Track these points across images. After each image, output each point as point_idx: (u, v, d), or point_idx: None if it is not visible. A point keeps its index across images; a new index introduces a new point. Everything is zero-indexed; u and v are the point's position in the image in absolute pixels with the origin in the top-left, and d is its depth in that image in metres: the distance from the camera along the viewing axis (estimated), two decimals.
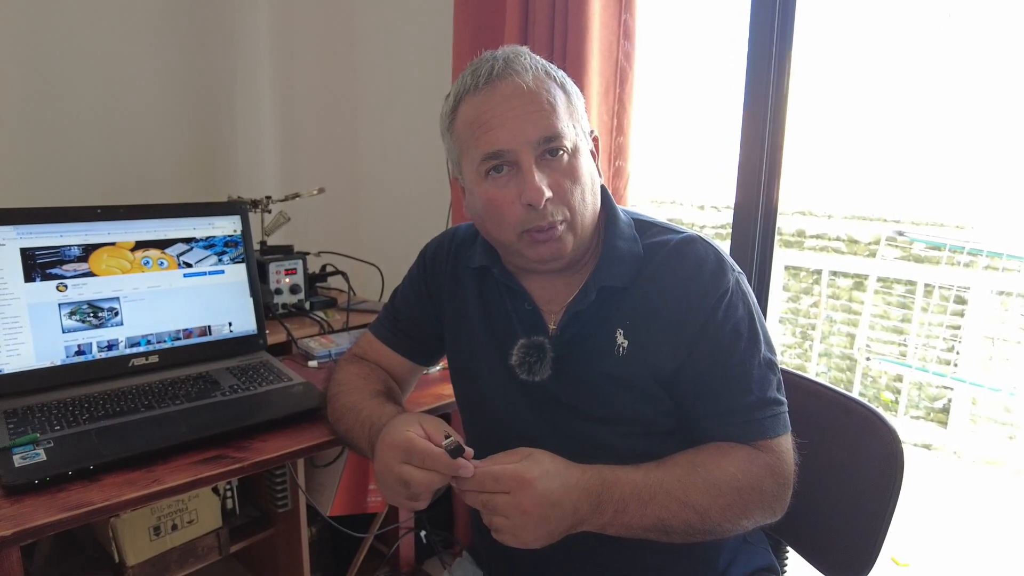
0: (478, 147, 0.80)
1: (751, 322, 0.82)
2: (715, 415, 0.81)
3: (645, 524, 0.73)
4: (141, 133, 1.80)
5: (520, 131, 0.77)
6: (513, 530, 0.70)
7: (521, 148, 0.78)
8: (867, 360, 3.20)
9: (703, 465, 0.77)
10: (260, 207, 1.68)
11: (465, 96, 0.82)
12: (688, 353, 0.81)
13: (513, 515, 0.69)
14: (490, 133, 0.78)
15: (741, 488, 0.76)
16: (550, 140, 0.78)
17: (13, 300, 1.10)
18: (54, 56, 1.63)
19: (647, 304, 0.83)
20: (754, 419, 0.80)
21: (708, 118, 2.00)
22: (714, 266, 0.83)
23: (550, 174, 0.79)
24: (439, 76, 1.89)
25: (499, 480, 0.70)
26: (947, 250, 2.98)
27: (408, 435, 0.74)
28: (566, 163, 0.79)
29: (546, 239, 0.80)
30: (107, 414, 1.03)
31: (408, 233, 2.16)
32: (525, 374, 0.87)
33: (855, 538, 0.90)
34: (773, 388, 0.82)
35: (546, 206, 0.78)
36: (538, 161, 0.78)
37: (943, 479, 2.74)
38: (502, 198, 0.80)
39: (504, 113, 0.78)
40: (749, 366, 0.81)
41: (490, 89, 0.79)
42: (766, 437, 0.80)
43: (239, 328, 1.32)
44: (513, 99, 0.78)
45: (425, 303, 1.02)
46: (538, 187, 0.77)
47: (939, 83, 2.68)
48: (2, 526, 0.76)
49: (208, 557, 1.46)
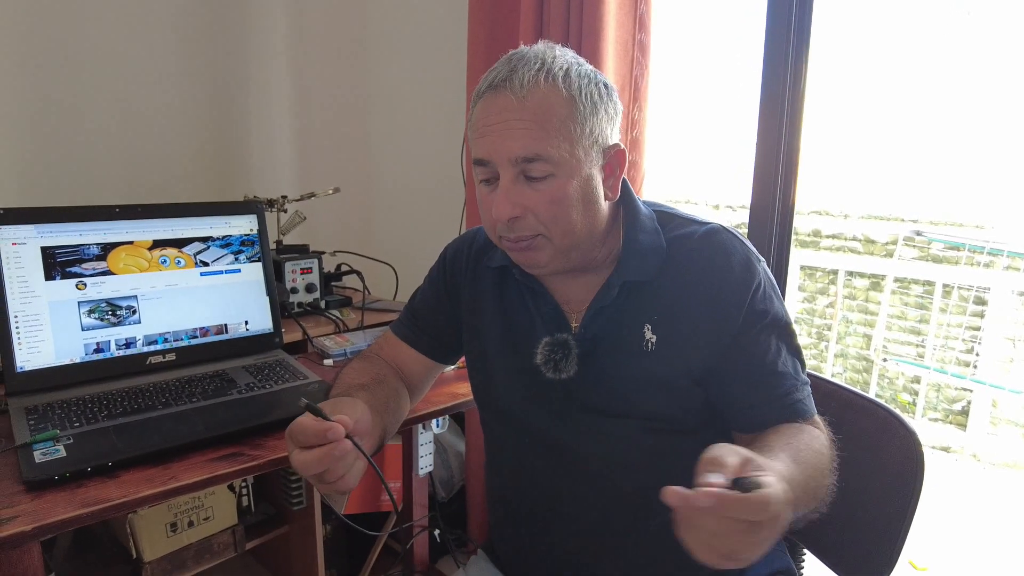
0: (473, 149, 0.81)
1: (780, 307, 0.84)
2: (764, 402, 0.81)
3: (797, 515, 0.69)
4: (159, 133, 1.82)
5: (501, 146, 0.77)
6: (752, 555, 0.57)
7: (500, 161, 0.77)
8: (884, 361, 3.16)
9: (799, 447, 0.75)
10: (276, 206, 1.69)
11: (477, 99, 0.82)
12: (728, 346, 0.81)
13: (763, 542, 0.57)
14: (479, 141, 0.79)
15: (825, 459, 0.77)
16: (529, 160, 0.76)
17: (34, 298, 1.12)
18: (73, 58, 1.65)
19: (676, 298, 0.83)
20: (798, 400, 0.82)
21: (723, 117, 1.99)
22: (743, 257, 0.83)
23: (529, 195, 0.77)
24: (453, 76, 1.89)
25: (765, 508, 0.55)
26: (966, 250, 2.94)
27: (296, 421, 0.72)
28: (548, 185, 0.77)
29: (519, 248, 0.81)
30: (125, 411, 1.04)
31: (422, 233, 2.16)
32: (551, 372, 0.86)
33: (873, 541, 0.89)
34: (802, 371, 0.84)
35: (513, 223, 0.78)
36: (516, 179, 0.77)
37: (962, 482, 2.71)
38: (486, 203, 0.81)
39: (493, 124, 0.77)
40: (786, 353, 0.83)
41: (489, 97, 0.78)
42: (809, 415, 0.82)
43: (255, 327, 1.33)
44: (503, 111, 0.76)
45: (444, 303, 1.03)
46: (501, 205, 0.77)
47: (958, 81, 2.64)
48: (23, 521, 0.77)
49: (224, 554, 1.47)
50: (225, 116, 1.95)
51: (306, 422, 0.71)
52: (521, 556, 0.97)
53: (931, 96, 2.71)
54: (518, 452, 0.94)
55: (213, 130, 1.92)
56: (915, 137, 2.81)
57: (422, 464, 1.52)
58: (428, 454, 1.53)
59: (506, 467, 0.98)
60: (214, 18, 1.87)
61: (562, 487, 0.89)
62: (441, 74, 2.01)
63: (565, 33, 1.46)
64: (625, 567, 0.88)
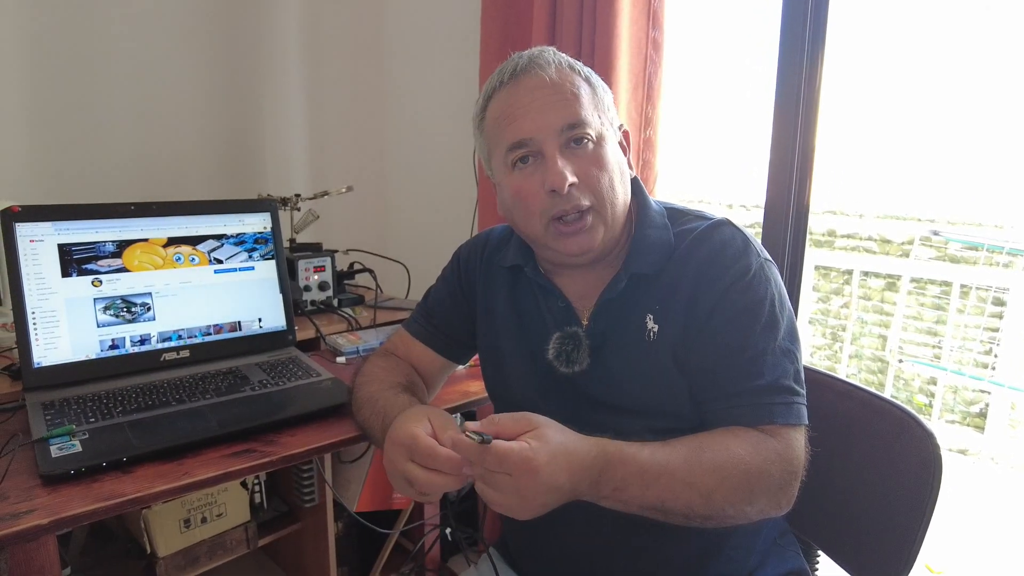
0: (504, 138, 0.81)
1: (771, 307, 0.80)
2: (724, 396, 0.78)
3: (644, 504, 0.71)
4: (174, 132, 1.83)
5: (543, 120, 0.79)
6: (507, 509, 0.68)
7: (545, 136, 0.79)
8: (900, 362, 3.13)
9: (710, 447, 0.74)
10: (289, 205, 1.70)
11: (493, 93, 0.84)
12: (699, 330, 0.80)
13: (511, 496, 0.66)
14: (515, 123, 0.80)
15: (749, 471, 0.72)
16: (573, 127, 0.79)
17: (51, 295, 1.13)
18: (89, 59, 1.67)
19: (674, 287, 0.82)
20: (763, 403, 0.77)
21: (738, 115, 1.97)
22: (739, 248, 0.81)
23: (575, 161, 0.79)
24: (467, 75, 1.89)
25: (503, 461, 0.65)
26: (985, 250, 2.90)
27: (413, 431, 0.72)
28: (591, 151, 0.80)
29: (574, 231, 0.80)
30: (139, 407, 1.05)
31: (434, 232, 2.17)
32: (564, 365, 0.87)
33: (889, 543, 0.88)
34: (788, 377, 0.79)
35: (570, 191, 0.78)
36: (562, 149, 0.79)
37: (979, 485, 2.67)
38: (528, 188, 0.80)
39: (528, 104, 0.80)
40: (762, 350, 0.78)
41: (515, 83, 0.81)
42: (774, 422, 0.76)
43: (269, 324, 1.34)
44: (536, 91, 0.80)
45: (458, 302, 1.03)
46: (560, 171, 0.77)
47: (977, 78, 2.61)
48: (39, 515, 0.78)
49: (236, 550, 1.48)
50: (240, 115, 1.96)
51: (439, 449, 0.70)
52: (534, 554, 0.97)
53: (949, 93, 2.67)
54: None
55: (228, 129, 1.94)
56: (933, 135, 2.77)
57: None
58: None
59: None
60: (229, 18, 1.89)
61: None
62: (454, 74, 2.01)
63: (578, 31, 1.46)
64: (638, 566, 0.87)
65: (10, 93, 1.57)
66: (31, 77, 1.59)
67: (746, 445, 0.74)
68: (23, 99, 1.59)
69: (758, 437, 0.75)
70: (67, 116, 1.66)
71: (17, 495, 0.82)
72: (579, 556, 0.90)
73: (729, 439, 0.75)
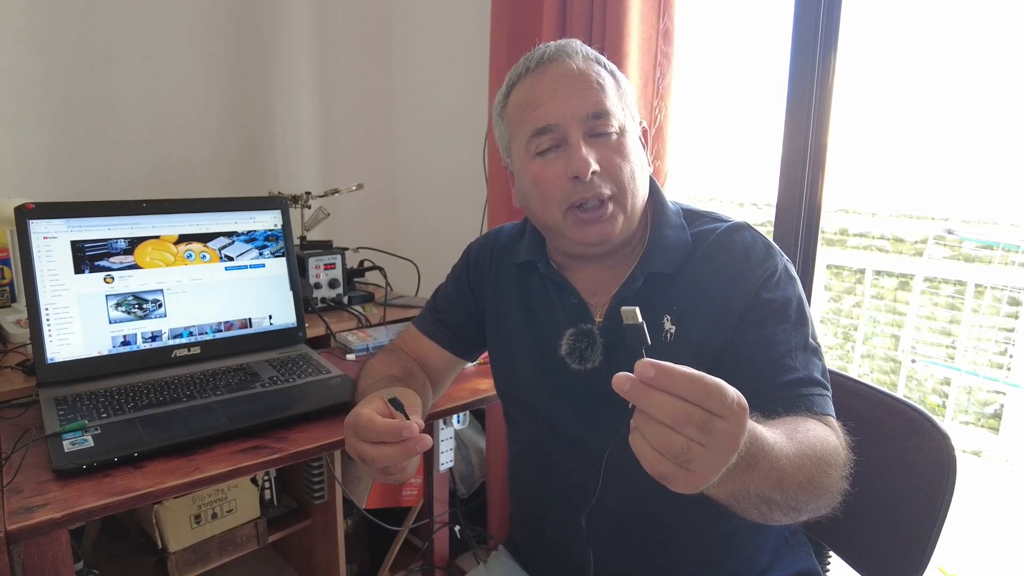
0: (528, 124, 0.82)
1: (799, 306, 0.81)
2: (768, 389, 0.78)
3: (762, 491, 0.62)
4: (185, 130, 1.84)
5: (568, 107, 0.79)
6: (707, 465, 0.51)
7: (569, 123, 0.79)
8: (912, 362, 3.10)
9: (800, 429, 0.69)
10: (300, 202, 1.71)
11: (518, 81, 0.85)
12: (733, 330, 0.80)
13: (723, 451, 0.51)
14: (540, 109, 0.80)
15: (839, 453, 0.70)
16: (598, 116, 0.80)
17: (64, 291, 1.14)
18: (102, 58, 1.68)
19: (694, 289, 0.82)
20: (802, 394, 0.77)
21: (749, 111, 1.96)
22: (762, 251, 0.82)
23: (598, 149, 0.80)
24: (476, 74, 1.89)
25: (724, 397, 0.50)
26: (1000, 249, 2.87)
27: (358, 411, 0.74)
28: (614, 141, 0.81)
29: (594, 219, 0.80)
30: (150, 403, 1.06)
31: (444, 230, 2.17)
32: (576, 362, 0.86)
33: (902, 544, 0.87)
34: (818, 371, 0.80)
35: (592, 179, 0.79)
36: (586, 137, 0.80)
37: (994, 487, 2.64)
38: (549, 174, 0.81)
39: (554, 90, 0.80)
40: (794, 346, 0.79)
41: (542, 70, 0.82)
42: (823, 412, 0.76)
43: (279, 321, 1.34)
44: (563, 78, 0.80)
45: (468, 299, 1.03)
46: (584, 158, 0.78)
47: (991, 74, 2.58)
48: (52, 509, 0.79)
49: (247, 546, 1.49)
50: (251, 113, 1.97)
51: (376, 419, 0.71)
52: (543, 552, 0.97)
53: (964, 90, 2.64)
54: (542, 447, 0.93)
55: (239, 127, 1.95)
56: (947, 132, 2.74)
57: (443, 460, 1.52)
58: (449, 450, 1.53)
59: (529, 462, 0.98)
60: (240, 16, 1.89)
61: (585, 482, 0.89)
62: (464, 71, 2.01)
63: (588, 26, 1.45)
64: (648, 564, 0.87)
65: (24, 92, 1.58)
66: (45, 76, 1.60)
67: (816, 429, 0.72)
68: (37, 98, 1.60)
69: (818, 423, 0.73)
70: (80, 115, 1.67)
71: (31, 489, 0.83)
72: (587, 554, 0.90)
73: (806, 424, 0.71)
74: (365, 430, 0.72)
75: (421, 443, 0.70)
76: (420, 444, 0.70)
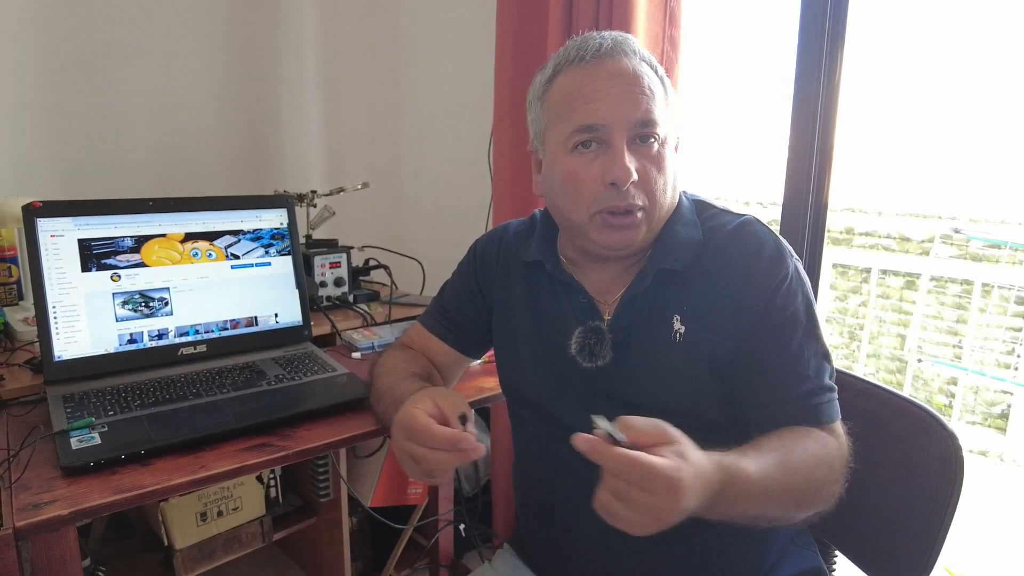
0: (572, 117, 0.79)
1: (809, 309, 0.81)
2: (779, 401, 0.79)
3: (747, 516, 0.69)
4: (192, 129, 1.85)
5: (619, 109, 0.77)
6: (629, 524, 0.60)
7: (616, 125, 0.77)
8: (919, 362, 3.09)
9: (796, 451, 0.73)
10: (306, 201, 1.71)
11: (566, 67, 0.81)
12: (746, 338, 0.80)
13: (642, 514, 0.59)
14: (589, 105, 0.78)
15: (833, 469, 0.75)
16: (646, 124, 0.78)
17: (71, 289, 1.14)
18: (109, 57, 1.69)
19: (705, 289, 0.82)
20: (814, 404, 0.78)
21: (756, 111, 1.95)
22: (773, 250, 0.81)
23: (639, 158, 0.78)
24: (482, 72, 1.89)
25: (649, 477, 0.58)
26: (1008, 248, 2.85)
27: (413, 412, 0.74)
28: (656, 151, 0.79)
29: (621, 225, 0.80)
30: (157, 401, 1.06)
31: (449, 229, 2.17)
32: (586, 360, 0.86)
33: (908, 545, 0.86)
34: (827, 376, 0.81)
35: (628, 188, 0.78)
36: (630, 143, 0.78)
37: (1001, 487, 2.63)
38: (584, 174, 0.79)
39: (606, 89, 0.78)
40: (807, 353, 0.79)
41: (596, 63, 0.79)
42: (830, 421, 0.79)
43: (285, 319, 1.34)
44: (617, 77, 0.78)
45: (475, 296, 1.03)
46: (627, 167, 0.77)
47: (999, 73, 2.56)
48: (60, 505, 0.79)
49: (252, 544, 1.49)
50: (256, 112, 1.97)
51: (435, 428, 0.71)
52: (548, 550, 0.97)
53: (972, 89, 2.63)
54: (548, 445, 0.93)
55: (245, 126, 1.95)
56: (954, 131, 2.73)
57: None
58: None
59: (535, 460, 0.98)
60: (247, 16, 1.90)
61: (591, 481, 0.88)
62: (469, 70, 2.01)
63: (594, 26, 1.45)
64: (653, 563, 0.87)
65: (32, 91, 1.59)
66: (52, 75, 1.61)
67: (819, 446, 0.76)
68: (45, 97, 1.61)
69: (822, 436, 0.77)
70: (87, 113, 1.67)
71: (39, 486, 0.83)
72: (593, 553, 0.90)
73: (806, 441, 0.75)
74: (422, 436, 0.72)
75: (476, 452, 0.71)
76: (475, 453, 0.71)
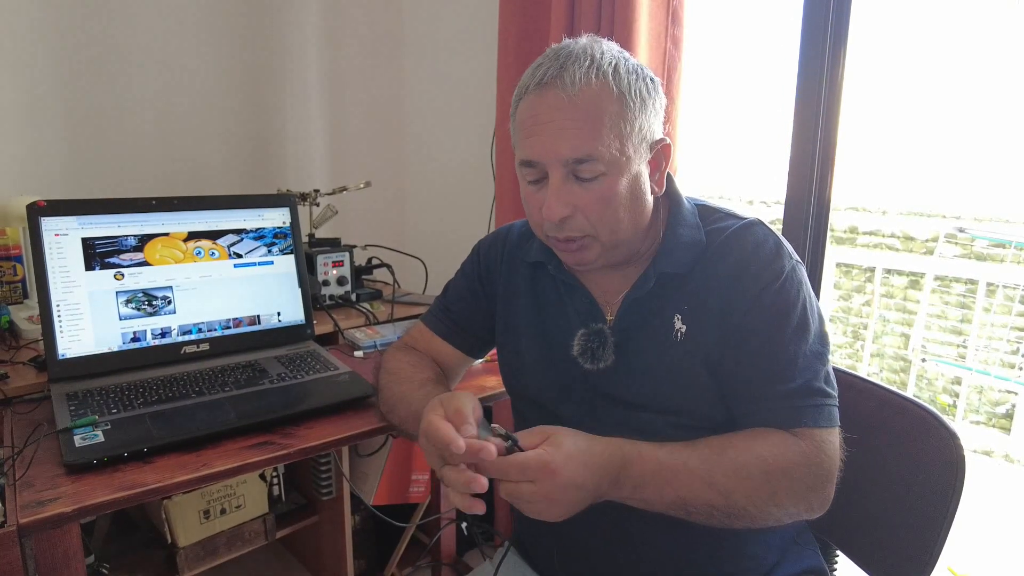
0: (519, 149, 0.81)
1: (803, 311, 0.80)
2: (756, 399, 0.78)
3: (665, 501, 0.72)
4: (195, 128, 1.85)
5: (552, 146, 0.76)
6: (538, 513, 0.69)
7: (550, 163, 0.77)
8: (923, 361, 3.08)
9: (733, 447, 0.74)
10: (308, 200, 1.71)
11: (525, 94, 0.80)
12: (734, 334, 0.79)
13: (539, 502, 0.68)
14: (527, 140, 0.78)
15: (769, 472, 0.72)
16: (580, 161, 0.75)
17: (75, 288, 1.15)
18: (113, 57, 1.69)
19: (704, 288, 0.82)
20: (794, 406, 0.76)
21: (758, 110, 1.95)
22: (771, 250, 0.81)
23: (580, 194, 0.77)
24: (484, 72, 1.89)
25: (524, 470, 0.68)
26: (1012, 247, 2.84)
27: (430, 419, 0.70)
28: (599, 186, 0.77)
29: (567, 249, 0.81)
30: (160, 399, 1.06)
31: (452, 228, 2.17)
32: (588, 362, 0.86)
33: (910, 544, 0.86)
34: (820, 379, 0.78)
35: (564, 223, 0.78)
36: (566, 179, 0.77)
37: (1005, 488, 2.62)
38: (532, 202, 0.81)
39: (544, 123, 0.76)
40: (794, 353, 0.78)
41: (539, 94, 0.77)
42: (805, 425, 0.76)
43: (287, 318, 1.35)
44: (554, 111, 0.75)
45: (478, 297, 1.03)
46: (553, 206, 0.77)
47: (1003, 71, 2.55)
48: (64, 503, 0.79)
49: (255, 541, 1.50)
50: (259, 112, 1.97)
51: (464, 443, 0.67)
52: (548, 550, 0.97)
53: (976, 87, 2.62)
54: None
55: (247, 125, 1.96)
56: (958, 130, 2.72)
57: None
58: None
59: None
60: (251, 15, 1.90)
61: None
62: (472, 69, 2.01)
63: (596, 26, 1.45)
64: (652, 562, 0.87)
65: (36, 91, 1.60)
66: (56, 75, 1.62)
67: (770, 446, 0.74)
68: (49, 97, 1.62)
69: (785, 438, 0.75)
70: (91, 113, 1.68)
71: (42, 483, 0.84)
72: (593, 552, 0.90)
73: (754, 440, 0.75)
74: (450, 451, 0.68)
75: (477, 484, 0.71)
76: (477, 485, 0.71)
